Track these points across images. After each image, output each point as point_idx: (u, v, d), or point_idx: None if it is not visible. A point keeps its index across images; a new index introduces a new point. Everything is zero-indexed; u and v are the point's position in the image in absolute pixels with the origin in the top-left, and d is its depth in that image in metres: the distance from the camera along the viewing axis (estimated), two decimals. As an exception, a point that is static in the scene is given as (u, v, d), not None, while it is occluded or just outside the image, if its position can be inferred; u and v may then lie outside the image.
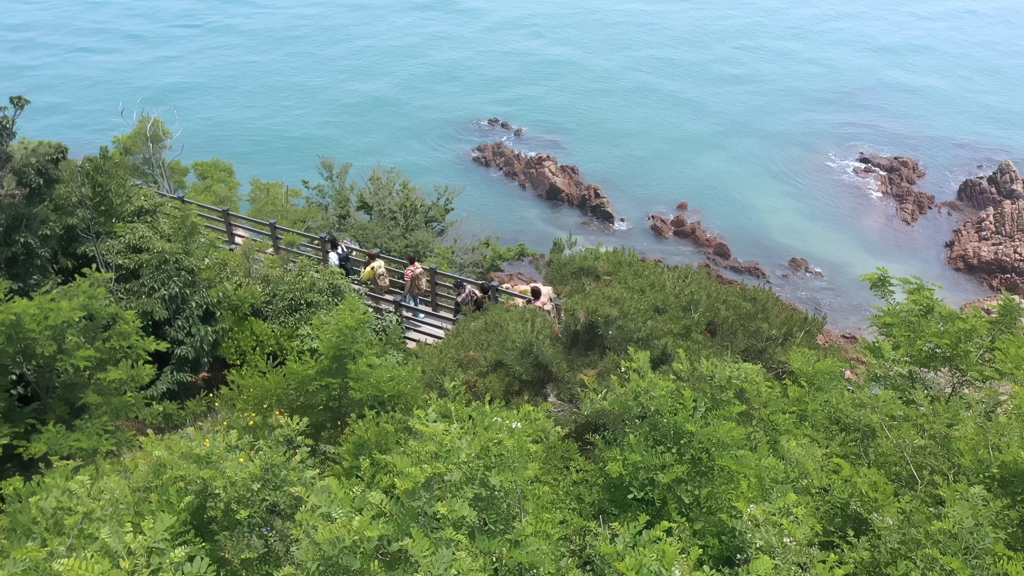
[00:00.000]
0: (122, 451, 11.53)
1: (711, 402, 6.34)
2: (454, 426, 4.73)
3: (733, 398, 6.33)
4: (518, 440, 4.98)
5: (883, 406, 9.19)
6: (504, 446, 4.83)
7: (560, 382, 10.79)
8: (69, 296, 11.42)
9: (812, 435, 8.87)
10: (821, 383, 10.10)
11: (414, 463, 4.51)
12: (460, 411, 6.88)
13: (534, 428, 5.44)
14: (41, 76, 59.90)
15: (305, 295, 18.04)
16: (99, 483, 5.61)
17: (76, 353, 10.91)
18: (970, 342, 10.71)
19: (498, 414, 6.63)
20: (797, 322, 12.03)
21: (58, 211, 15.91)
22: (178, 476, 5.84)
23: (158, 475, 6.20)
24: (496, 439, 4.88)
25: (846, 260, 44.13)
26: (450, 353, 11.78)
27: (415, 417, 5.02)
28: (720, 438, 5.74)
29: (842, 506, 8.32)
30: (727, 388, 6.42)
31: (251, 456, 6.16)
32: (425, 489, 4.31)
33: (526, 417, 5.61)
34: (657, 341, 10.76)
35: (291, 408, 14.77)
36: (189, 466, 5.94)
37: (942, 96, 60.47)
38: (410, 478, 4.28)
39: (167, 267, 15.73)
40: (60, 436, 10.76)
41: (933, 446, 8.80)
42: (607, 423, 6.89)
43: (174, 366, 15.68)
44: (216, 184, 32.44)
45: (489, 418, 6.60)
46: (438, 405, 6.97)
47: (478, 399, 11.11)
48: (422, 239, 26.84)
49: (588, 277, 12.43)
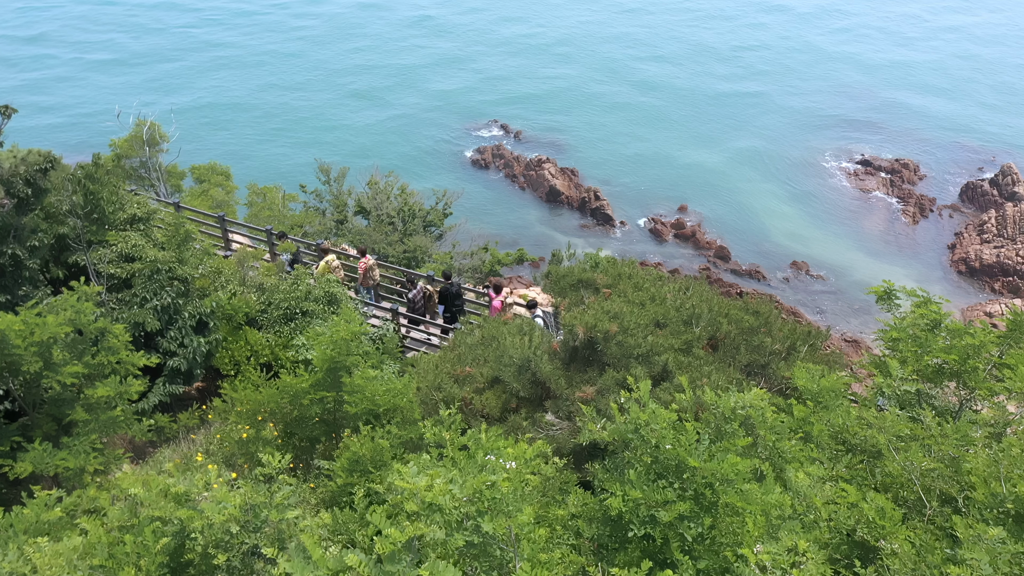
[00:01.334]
0: (110, 469, 11.27)
1: (715, 433, 6.08)
2: (438, 481, 4.46)
3: (738, 429, 6.07)
4: (513, 481, 4.72)
5: (890, 426, 8.93)
6: (498, 489, 4.58)
7: (559, 399, 10.52)
8: (56, 310, 11.16)
9: (817, 456, 8.61)
10: (826, 400, 9.85)
11: (394, 522, 4.25)
12: (455, 438, 6.63)
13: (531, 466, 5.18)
14: (41, 78, 59.69)
15: (300, 304, 17.78)
16: (57, 546, 5.33)
17: (62, 369, 10.65)
18: (978, 358, 10.45)
19: (494, 444, 6.37)
20: (800, 335, 11.77)
21: (49, 220, 15.65)
22: (155, 516, 5.58)
23: (134, 513, 5.95)
24: (489, 481, 4.63)
25: (847, 263, 43.87)
26: (446, 368, 11.52)
27: (395, 472, 4.76)
28: (725, 473, 5.49)
29: (848, 532, 8.07)
30: (732, 419, 6.16)
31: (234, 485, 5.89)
32: (407, 550, 4.05)
33: (521, 456, 5.36)
34: (657, 357, 10.50)
35: (285, 421, 14.53)
36: (167, 504, 5.69)
37: (943, 98, 60.24)
38: (389, 540, 4.03)
39: (159, 277, 15.46)
40: (46, 455, 10.50)
41: (942, 468, 8.56)
42: (607, 446, 6.63)
43: (166, 378, 15.43)
44: (213, 188, 32.19)
45: (485, 448, 6.35)
46: (432, 433, 6.73)
47: (475, 417, 10.86)
48: (420, 244, 26.58)
49: (587, 290, 12.18)
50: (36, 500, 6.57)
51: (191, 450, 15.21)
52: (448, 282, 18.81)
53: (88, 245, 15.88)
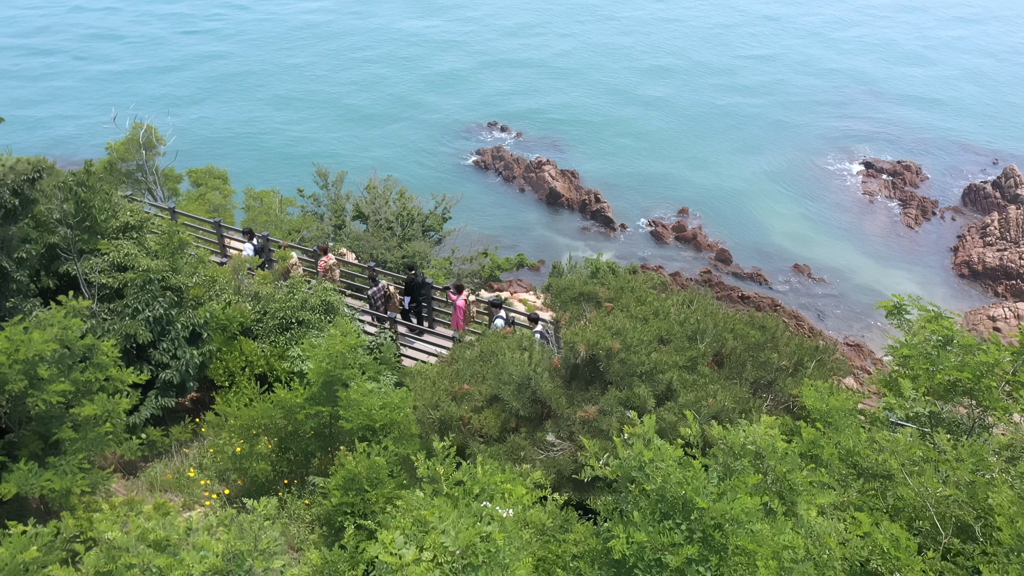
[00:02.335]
0: (97, 490, 10.97)
1: (723, 470, 5.78)
2: (425, 554, 4.16)
3: (748, 465, 5.77)
4: (509, 532, 4.42)
5: (903, 450, 8.62)
6: (493, 542, 4.28)
7: (559, 418, 10.22)
8: (43, 326, 10.84)
9: (828, 481, 8.30)
10: (836, 420, 9.54)
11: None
12: (449, 472, 6.32)
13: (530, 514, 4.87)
14: (42, 79, 59.40)
15: (296, 313, 17.47)
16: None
17: (48, 388, 10.34)
18: (992, 376, 10.15)
19: (491, 479, 6.06)
20: (808, 351, 11.46)
21: (39, 229, 15.32)
22: (131, 563, 5.28)
23: (112, 559, 5.65)
24: (484, 532, 4.33)
25: (849, 266, 43.55)
26: (443, 385, 11.21)
27: (380, 543, 4.44)
28: (735, 515, 5.18)
29: (862, 563, 7.76)
30: (741, 455, 5.85)
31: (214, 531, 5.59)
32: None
33: (519, 501, 5.05)
34: (661, 375, 10.20)
35: (279, 436, 14.22)
36: (145, 551, 5.39)
37: (945, 99, 59.91)
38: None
39: (152, 287, 15.14)
40: (32, 475, 10.19)
41: (958, 495, 8.26)
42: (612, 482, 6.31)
43: (158, 391, 15.10)
44: (210, 192, 31.87)
45: (481, 483, 6.03)
46: (426, 467, 6.42)
47: (473, 437, 10.55)
48: (419, 249, 26.25)
49: (589, 303, 11.86)
50: (11, 539, 6.26)
51: (184, 465, 14.90)
52: (412, 272, 19.21)
53: (79, 254, 15.56)
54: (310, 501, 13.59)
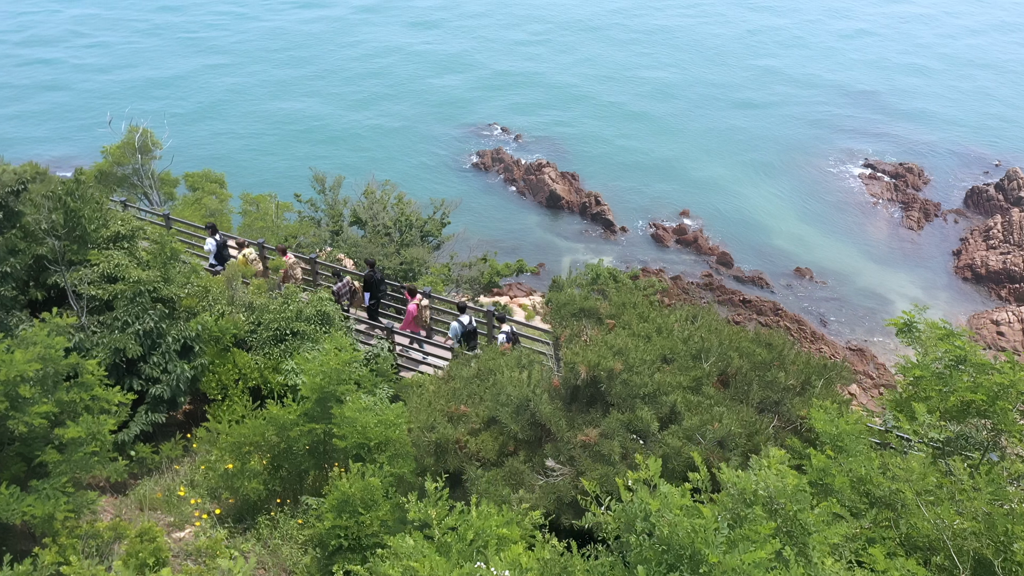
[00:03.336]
0: (82, 514, 10.62)
1: (733, 518, 5.44)
2: None
3: (760, 513, 5.42)
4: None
5: (917, 479, 8.28)
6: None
7: (559, 442, 9.86)
8: (26, 345, 10.49)
9: (839, 512, 7.94)
10: (846, 444, 9.19)
11: None
12: (442, 516, 5.98)
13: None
14: (42, 81, 59.07)
15: (291, 324, 17.11)
16: None
17: (31, 409, 9.99)
18: (1008, 398, 9.80)
19: (485, 523, 5.72)
20: (815, 369, 11.11)
21: (28, 239, 14.96)
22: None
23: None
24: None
25: (851, 269, 43.19)
26: (440, 405, 10.85)
27: None
28: (747, 571, 4.83)
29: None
30: (753, 503, 5.51)
31: None
32: None
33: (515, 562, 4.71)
34: (665, 397, 9.85)
35: (272, 453, 13.86)
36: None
37: (947, 101, 59.51)
38: None
39: (142, 300, 14.78)
40: (13, 500, 9.84)
41: (976, 526, 7.92)
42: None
43: (148, 406, 14.74)
44: (207, 196, 31.52)
45: (476, 528, 5.69)
46: (417, 510, 6.08)
47: (469, 461, 10.19)
48: (417, 255, 25.88)
49: (589, 319, 11.52)
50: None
51: (174, 482, 14.54)
52: (372, 270, 19.53)
53: (68, 265, 15.20)
54: (303, 520, 13.26)
